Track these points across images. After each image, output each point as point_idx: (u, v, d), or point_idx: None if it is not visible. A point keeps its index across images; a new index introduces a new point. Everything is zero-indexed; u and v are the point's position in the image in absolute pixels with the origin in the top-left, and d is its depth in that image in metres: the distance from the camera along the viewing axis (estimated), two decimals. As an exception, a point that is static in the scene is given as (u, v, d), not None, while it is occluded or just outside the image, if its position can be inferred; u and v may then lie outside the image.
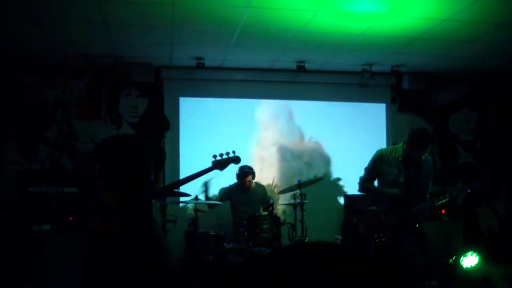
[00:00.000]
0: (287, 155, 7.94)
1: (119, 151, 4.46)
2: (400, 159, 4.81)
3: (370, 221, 4.92)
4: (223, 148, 4.68)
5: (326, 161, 8.06)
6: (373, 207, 4.98)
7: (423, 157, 4.81)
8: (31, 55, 6.90)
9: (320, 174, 7.79)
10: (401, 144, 4.93)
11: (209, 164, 4.58)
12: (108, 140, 4.84)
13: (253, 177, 6.92)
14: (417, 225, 4.78)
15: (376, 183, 5.16)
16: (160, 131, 4.56)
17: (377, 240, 4.78)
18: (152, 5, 5.14)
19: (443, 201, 4.80)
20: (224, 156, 4.58)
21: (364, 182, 5.02)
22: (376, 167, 4.94)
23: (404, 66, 7.51)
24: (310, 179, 6.74)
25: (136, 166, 4.44)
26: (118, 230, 4.27)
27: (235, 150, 4.66)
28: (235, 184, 7.01)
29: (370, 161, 5.03)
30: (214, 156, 4.57)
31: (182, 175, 6.92)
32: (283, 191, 6.84)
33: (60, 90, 7.35)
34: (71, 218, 6.19)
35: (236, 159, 4.65)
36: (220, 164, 4.57)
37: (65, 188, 6.26)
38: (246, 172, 6.81)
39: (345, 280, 1.63)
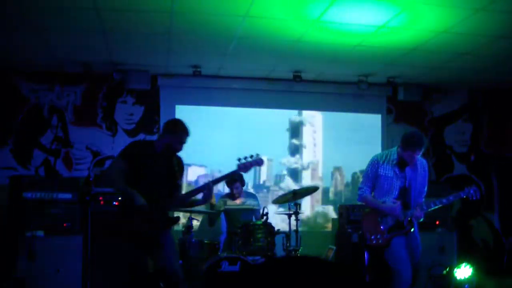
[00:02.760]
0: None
1: (150, 156, 4.45)
2: (394, 162, 4.83)
3: (367, 222, 4.93)
4: (217, 155, 4.67)
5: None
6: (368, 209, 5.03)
7: (418, 158, 4.82)
8: (28, 61, 6.89)
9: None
10: (395, 148, 4.94)
11: (234, 168, 4.60)
12: (137, 143, 4.87)
13: (242, 184, 6.86)
14: (412, 230, 4.78)
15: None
16: (181, 138, 4.51)
17: (374, 242, 4.78)
18: (150, 13, 5.16)
19: (440, 205, 4.82)
20: (248, 159, 4.58)
21: (365, 192, 4.98)
22: (374, 171, 4.93)
23: (400, 78, 7.54)
24: (305, 188, 6.64)
25: (166, 172, 4.48)
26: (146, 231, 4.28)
27: (258, 153, 4.64)
28: (226, 193, 6.99)
29: (368, 167, 5.00)
30: (239, 159, 4.57)
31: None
32: (277, 200, 6.56)
33: (56, 97, 7.34)
34: (65, 224, 6.18)
35: (260, 162, 4.64)
36: (245, 166, 4.57)
37: (60, 194, 6.24)
38: (233, 179, 6.61)
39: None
